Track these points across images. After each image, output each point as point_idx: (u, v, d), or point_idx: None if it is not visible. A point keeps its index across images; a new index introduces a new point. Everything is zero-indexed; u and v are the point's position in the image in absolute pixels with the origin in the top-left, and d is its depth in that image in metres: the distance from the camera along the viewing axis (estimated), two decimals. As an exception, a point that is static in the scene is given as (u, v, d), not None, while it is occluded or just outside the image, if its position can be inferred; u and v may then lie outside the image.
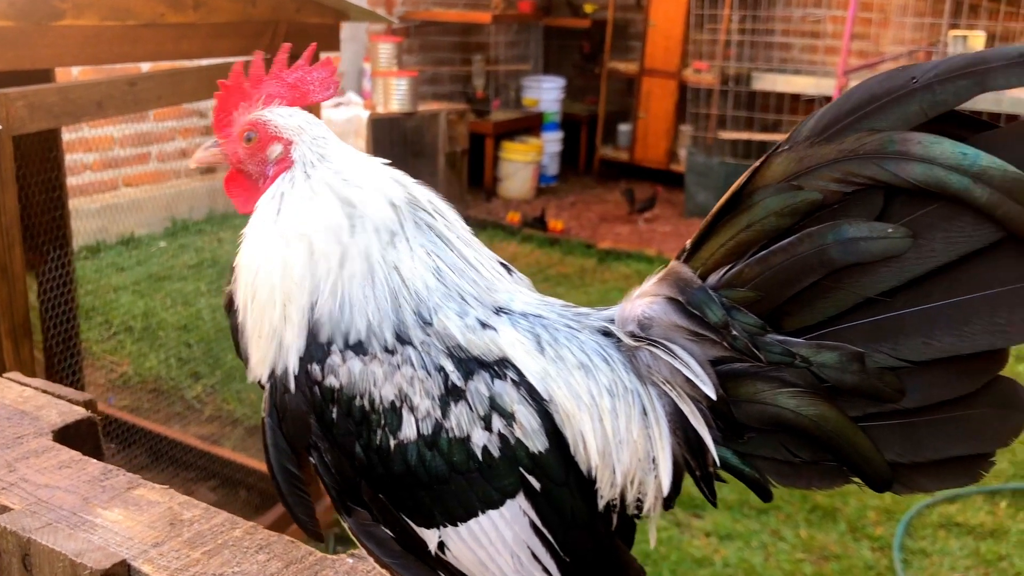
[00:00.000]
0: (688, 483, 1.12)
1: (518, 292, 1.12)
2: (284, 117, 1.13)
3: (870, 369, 0.97)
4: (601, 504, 1.07)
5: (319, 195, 1.07)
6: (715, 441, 1.06)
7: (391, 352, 1.02)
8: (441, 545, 1.04)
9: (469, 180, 8.41)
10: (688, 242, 1.08)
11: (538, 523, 1.03)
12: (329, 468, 1.04)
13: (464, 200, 8.33)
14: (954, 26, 7.59)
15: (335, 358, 1.02)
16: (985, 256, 0.92)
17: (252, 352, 1.07)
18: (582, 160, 9.87)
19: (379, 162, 1.15)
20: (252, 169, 1.15)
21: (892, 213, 0.95)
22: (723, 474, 1.10)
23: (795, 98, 7.99)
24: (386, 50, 7.64)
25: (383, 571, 1.11)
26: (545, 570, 1.04)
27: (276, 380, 1.05)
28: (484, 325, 1.06)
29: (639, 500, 1.08)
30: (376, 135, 7.39)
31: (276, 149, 1.12)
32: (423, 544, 1.05)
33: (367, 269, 1.05)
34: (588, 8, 9.62)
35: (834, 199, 0.96)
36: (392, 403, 1.01)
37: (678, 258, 1.08)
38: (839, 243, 0.96)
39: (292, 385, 1.04)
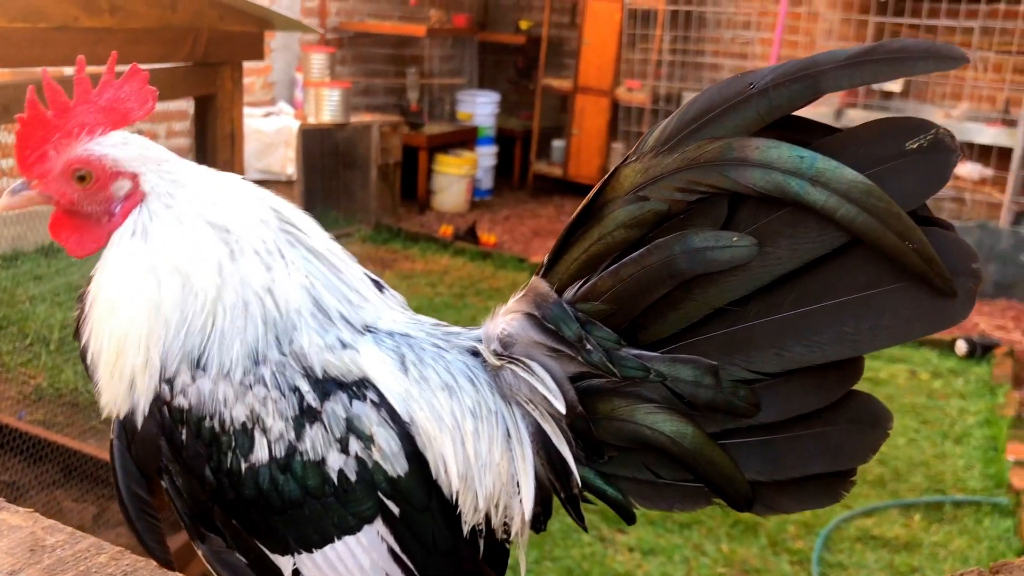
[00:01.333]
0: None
1: (387, 310, 1.09)
2: (119, 148, 1.04)
3: (724, 383, 0.96)
4: (466, 529, 1.04)
5: (188, 225, 1.01)
6: (577, 461, 1.03)
7: (243, 372, 0.98)
8: (296, 573, 1.00)
9: (402, 193, 8.38)
10: (546, 256, 1.06)
11: (397, 549, 1.00)
12: (181, 492, 1.00)
13: (397, 212, 8.29)
14: (877, 51, 7.78)
15: (184, 378, 0.98)
16: (832, 263, 0.91)
17: (105, 389, 1.02)
18: (516, 175, 9.89)
19: (237, 178, 1.09)
20: (91, 209, 1.05)
21: (739, 221, 0.94)
22: (589, 496, 1.08)
23: (725, 118, 8.12)
24: (319, 60, 7.57)
25: None
26: None
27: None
28: (345, 345, 1.02)
29: (506, 524, 1.06)
30: (306, 146, 7.31)
31: (124, 185, 1.04)
32: (278, 571, 1.01)
33: (243, 297, 1.00)
34: (523, 24, 9.66)
35: (680, 209, 0.95)
36: (243, 424, 0.97)
37: (537, 273, 1.07)
38: (686, 253, 0.94)
39: (141, 407, 1.00)
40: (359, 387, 1.00)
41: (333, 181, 7.96)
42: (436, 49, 9.18)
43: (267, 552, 1.00)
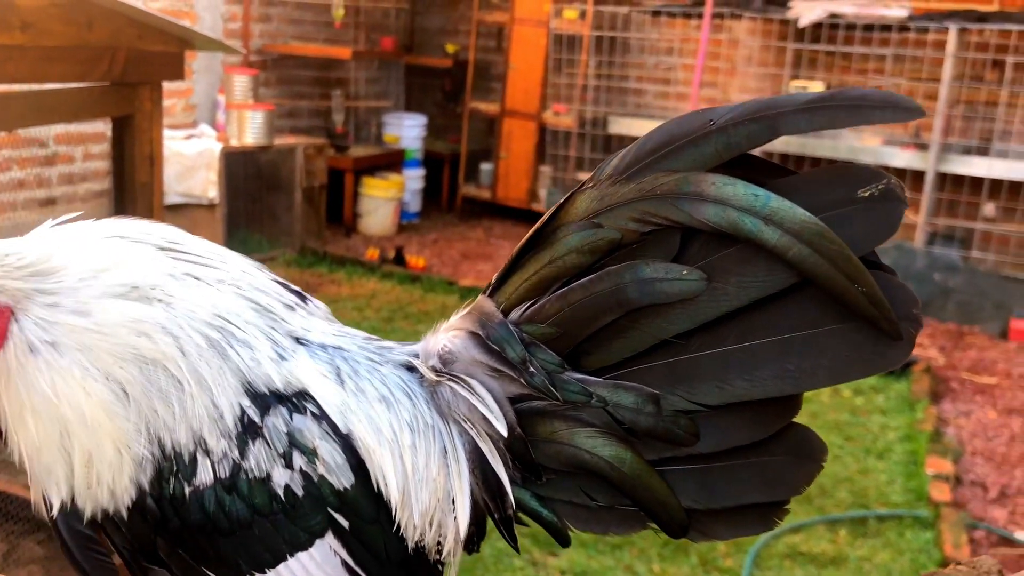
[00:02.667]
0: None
1: (315, 321, 1.06)
2: None
3: (665, 411, 0.97)
4: (409, 545, 1.03)
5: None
6: (513, 482, 1.03)
7: (178, 392, 0.94)
8: None
9: (328, 216, 8.28)
10: (494, 276, 1.06)
11: (351, 562, 0.98)
12: (119, 527, 0.95)
13: (322, 236, 8.19)
14: (795, 77, 8.02)
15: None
16: (778, 301, 0.92)
17: (34, 486, 0.96)
18: (444, 198, 9.87)
19: (112, 227, 1.01)
20: None
21: (690, 255, 0.95)
22: (523, 517, 1.07)
23: (649, 141, 8.24)
24: (241, 82, 7.47)
25: None
26: None
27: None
28: (282, 357, 0.99)
29: (439, 543, 1.04)
30: (229, 168, 7.18)
31: None
32: None
33: (131, 314, 0.94)
34: (450, 48, 9.69)
35: (632, 238, 0.95)
36: (184, 447, 0.93)
37: (484, 292, 1.06)
38: (636, 283, 0.95)
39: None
40: (298, 399, 0.98)
41: (256, 204, 7.84)
42: (362, 71, 9.14)
43: None
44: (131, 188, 3.26)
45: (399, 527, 1.02)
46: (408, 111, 9.60)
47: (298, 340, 1.03)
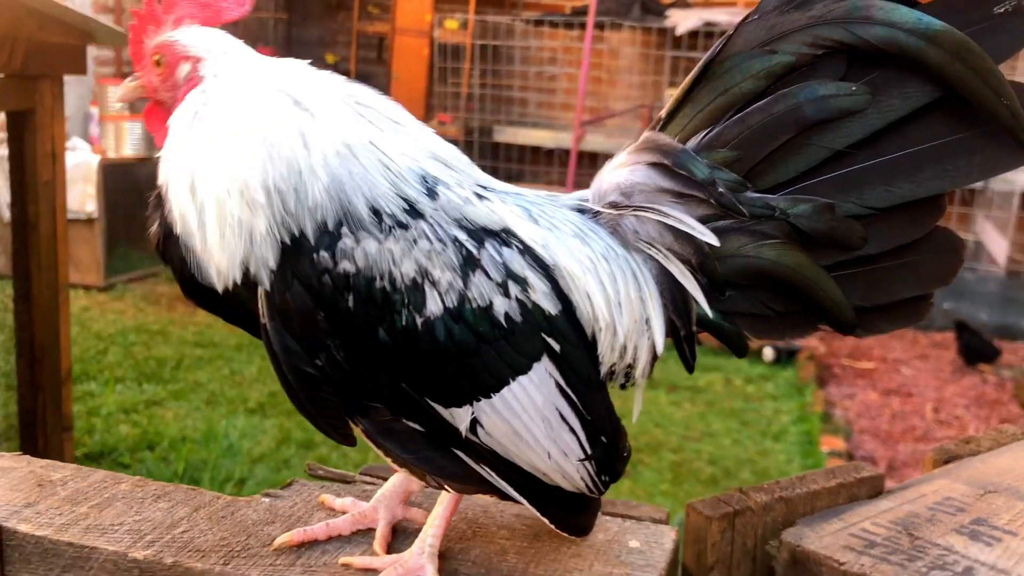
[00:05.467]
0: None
1: (487, 177, 1.11)
2: (192, 35, 1.07)
3: (840, 217, 1.05)
4: (603, 371, 1.08)
5: (248, 90, 1.01)
6: (702, 297, 1.09)
7: (404, 227, 0.97)
8: (473, 424, 1.00)
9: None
10: (662, 113, 1.11)
11: (563, 383, 1.03)
12: (341, 365, 0.97)
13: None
14: (673, 84, 8.31)
15: (347, 241, 0.96)
16: (930, 113, 1.03)
17: (216, 256, 0.97)
18: (329, 211, 9.76)
19: (303, 63, 1.08)
20: (165, 96, 1.07)
21: (850, 76, 1.04)
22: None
23: (535, 149, 8.38)
24: (116, 93, 7.20)
25: (401, 469, 1.06)
26: (572, 431, 1.03)
27: (272, 279, 0.96)
28: (481, 196, 1.04)
29: (629, 365, 1.10)
30: (108, 182, 6.90)
31: (185, 68, 1.06)
32: (449, 429, 1.00)
33: (340, 147, 0.99)
34: (330, 58, 9.60)
35: (804, 62, 1.04)
36: (413, 279, 0.97)
37: (652, 128, 1.11)
38: (811, 101, 1.03)
39: (289, 281, 0.95)
40: (505, 234, 1.03)
41: (136, 219, 7.53)
42: (242, 83, 8.95)
43: (440, 409, 1.00)
44: (32, 186, 3.11)
45: (599, 351, 1.07)
46: (290, 124, 9.46)
47: (484, 188, 1.07)
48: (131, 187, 7.31)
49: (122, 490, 1.19)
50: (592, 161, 7.78)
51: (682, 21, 7.77)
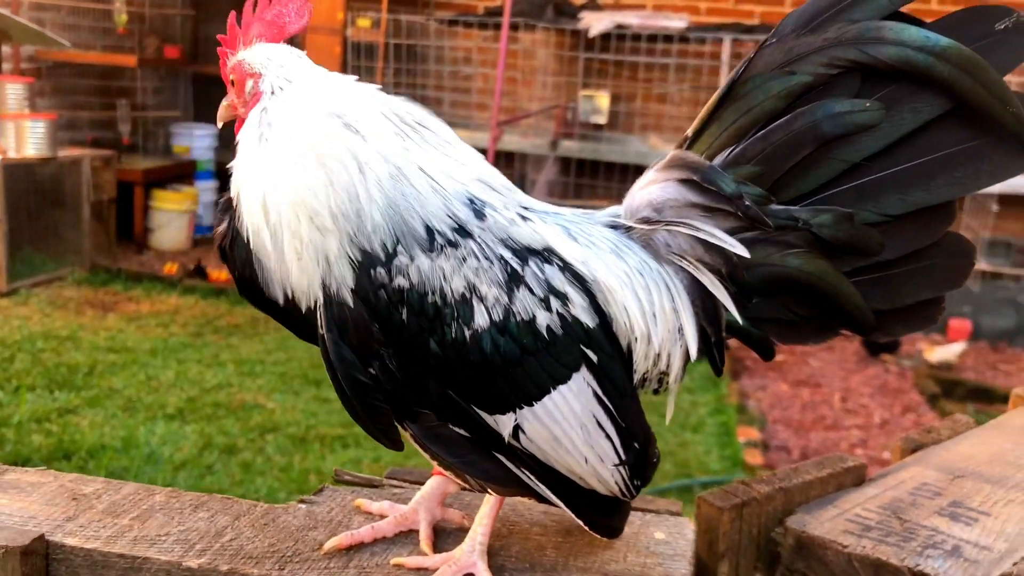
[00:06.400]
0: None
1: (528, 198, 1.17)
2: (254, 53, 1.15)
3: (858, 225, 1.13)
4: (636, 378, 1.15)
5: (303, 113, 1.07)
6: (732, 305, 1.16)
7: (455, 246, 1.04)
8: (516, 430, 1.06)
9: (118, 231, 7.82)
10: (689, 131, 1.19)
11: (600, 392, 1.09)
12: (394, 374, 1.03)
13: (113, 252, 7.73)
14: (586, 85, 8.47)
15: (402, 259, 1.02)
16: (938, 124, 1.12)
17: (295, 278, 1.03)
18: (239, 210, 9.57)
19: (353, 78, 1.15)
20: (243, 111, 1.17)
21: (862, 93, 1.13)
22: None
23: (450, 148, 8.38)
24: (15, 91, 6.89)
25: (447, 472, 1.13)
26: (607, 437, 1.10)
27: (329, 294, 1.02)
28: (524, 218, 1.10)
29: (663, 373, 1.17)
30: (8, 183, 6.63)
31: (250, 85, 1.14)
32: (493, 434, 1.06)
33: (393, 170, 1.05)
34: (239, 56, 9.42)
35: (821, 81, 1.12)
36: (462, 295, 1.03)
37: (679, 147, 1.18)
38: (828, 118, 1.12)
39: (348, 296, 1.01)
40: (546, 252, 1.09)
41: (40, 221, 7.26)
42: (148, 80, 8.70)
43: (485, 416, 1.06)
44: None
45: (634, 360, 1.14)
46: (197, 121, 9.23)
47: (525, 207, 1.14)
48: (34, 188, 7.04)
49: (158, 501, 1.20)
50: (508, 160, 7.86)
51: (595, 23, 7.91)
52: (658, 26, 7.83)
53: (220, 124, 1.21)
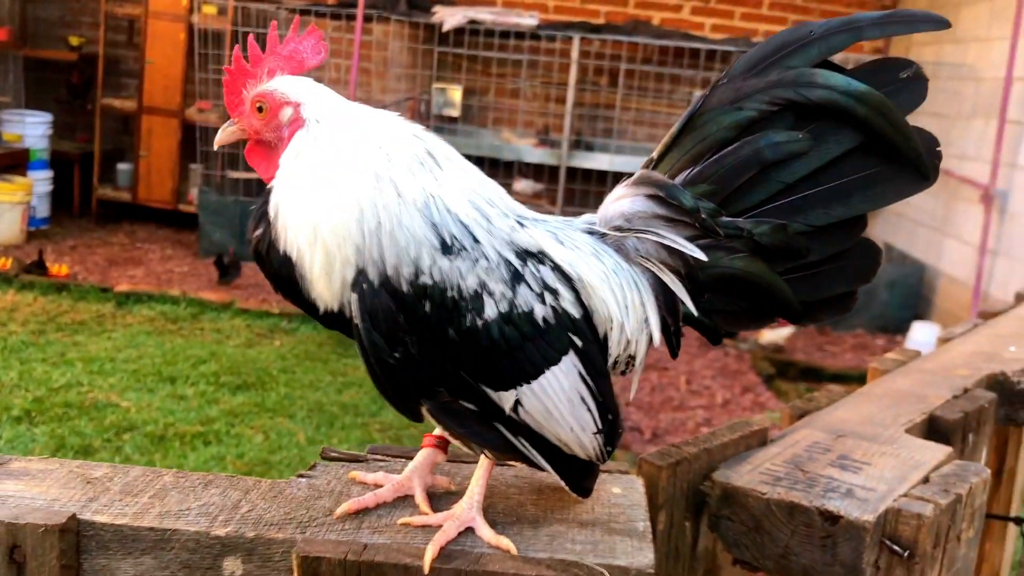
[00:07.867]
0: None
1: (521, 207, 1.35)
2: (288, 84, 1.27)
3: (790, 234, 1.36)
4: (610, 361, 1.34)
5: (348, 142, 1.22)
6: (688, 300, 1.37)
7: (468, 250, 1.22)
8: (516, 404, 1.24)
9: (-55, 224, 7.37)
10: (655, 154, 1.40)
11: (583, 372, 1.27)
12: (415, 357, 1.19)
13: (-60, 246, 7.27)
14: (439, 79, 8.62)
15: (425, 261, 1.19)
16: (855, 152, 1.36)
17: (323, 285, 1.20)
18: (77, 201, 9.15)
19: (385, 111, 1.29)
20: (269, 136, 1.28)
21: (796, 127, 1.36)
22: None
23: (302, 139, 8.33)
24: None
25: (455, 442, 1.30)
26: (589, 410, 1.29)
27: (363, 290, 1.18)
28: (521, 224, 1.29)
29: (631, 356, 1.37)
30: None
31: (287, 112, 1.26)
32: (496, 408, 1.24)
33: (423, 193, 1.22)
34: (74, 40, 9.00)
35: (764, 116, 1.34)
36: (475, 291, 1.20)
37: (645, 167, 1.40)
38: (769, 146, 1.34)
39: (381, 292, 1.18)
40: (540, 254, 1.28)
41: None
42: (-26, 63, 8.19)
43: (491, 392, 1.23)
44: None
45: (608, 346, 1.33)
46: (29, 108, 8.77)
47: (521, 216, 1.31)
48: None
49: (168, 481, 1.29)
50: (364, 153, 7.89)
51: (448, 18, 8.07)
52: (510, 23, 8.07)
53: (218, 146, 1.32)
